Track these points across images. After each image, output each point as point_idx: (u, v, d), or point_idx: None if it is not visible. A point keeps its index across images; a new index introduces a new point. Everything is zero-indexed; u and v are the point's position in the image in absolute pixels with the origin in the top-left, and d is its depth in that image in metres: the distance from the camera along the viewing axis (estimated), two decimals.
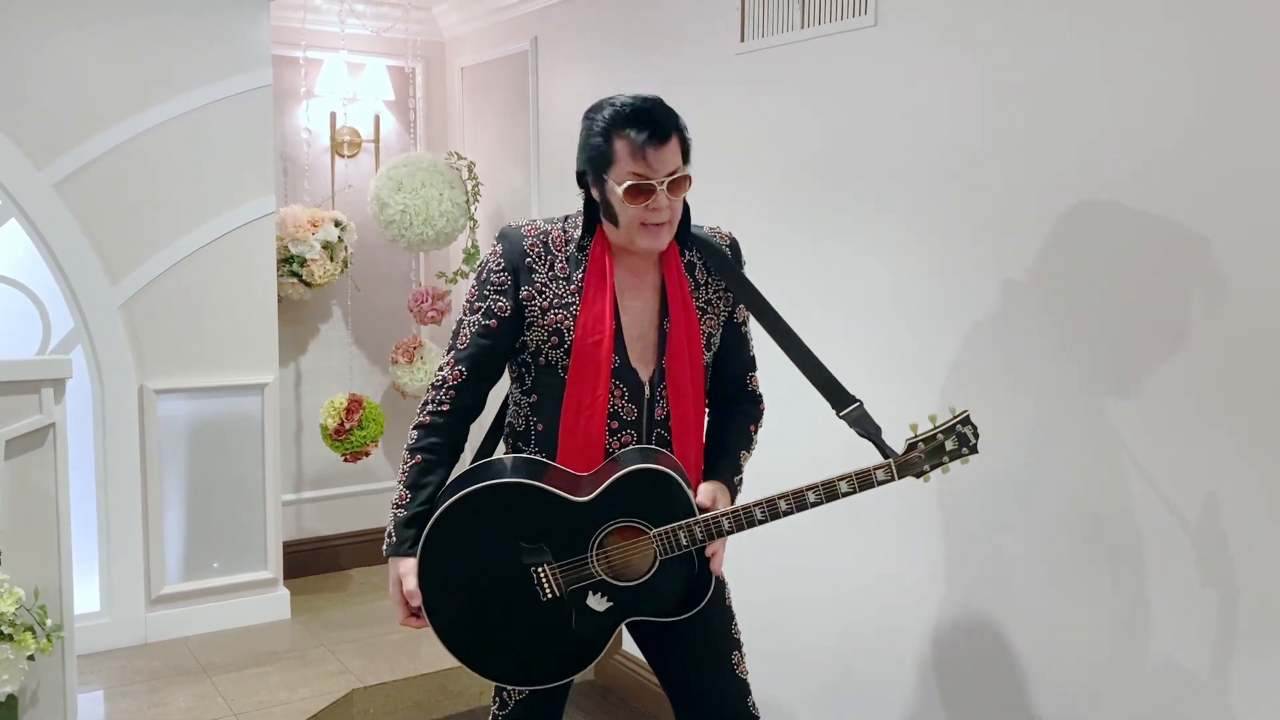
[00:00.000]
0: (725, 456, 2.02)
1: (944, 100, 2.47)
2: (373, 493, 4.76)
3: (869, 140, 2.67)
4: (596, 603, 1.85)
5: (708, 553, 1.90)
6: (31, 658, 2.53)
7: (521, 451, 1.99)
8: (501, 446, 2.07)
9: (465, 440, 2.00)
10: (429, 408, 1.95)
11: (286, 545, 4.28)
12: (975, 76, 2.40)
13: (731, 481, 1.99)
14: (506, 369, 2.01)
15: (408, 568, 1.89)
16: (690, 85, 3.17)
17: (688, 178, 1.88)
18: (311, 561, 4.59)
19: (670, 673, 2.04)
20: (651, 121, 1.82)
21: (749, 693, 2.04)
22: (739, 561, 2.22)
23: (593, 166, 1.87)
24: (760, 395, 2.11)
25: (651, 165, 1.81)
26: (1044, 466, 2.30)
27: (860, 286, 2.72)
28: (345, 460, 4.32)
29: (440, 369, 1.96)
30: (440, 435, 1.94)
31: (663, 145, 1.82)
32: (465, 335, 1.94)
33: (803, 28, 2.83)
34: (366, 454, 4.31)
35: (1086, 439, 2.21)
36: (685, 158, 1.89)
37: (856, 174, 2.71)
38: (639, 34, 3.47)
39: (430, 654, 3.72)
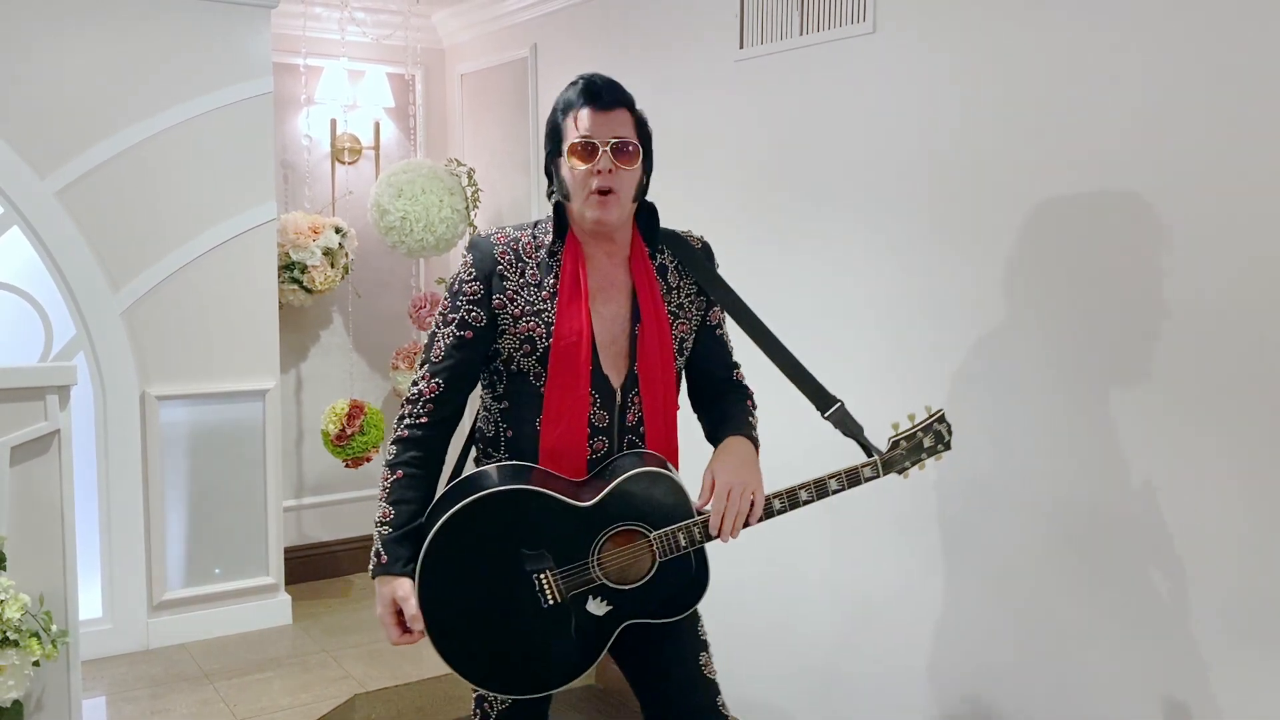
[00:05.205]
0: (734, 420, 2.02)
1: (942, 106, 2.50)
2: (374, 498, 4.71)
3: (867, 146, 2.69)
4: (596, 607, 1.86)
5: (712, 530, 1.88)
6: (37, 663, 2.54)
7: (491, 457, 1.97)
8: (472, 452, 2.06)
9: (445, 452, 1.97)
10: (406, 421, 1.92)
11: (288, 551, 4.29)
12: (973, 83, 2.42)
13: (748, 433, 1.99)
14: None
15: (405, 589, 1.84)
16: (689, 91, 3.19)
17: (636, 148, 1.89)
18: (313, 567, 4.60)
19: (638, 674, 2.03)
20: (594, 90, 1.87)
21: (718, 692, 2.03)
22: (732, 565, 2.24)
23: (551, 144, 1.92)
24: (748, 387, 2.11)
25: (595, 128, 1.85)
26: (1032, 468, 2.32)
27: (860, 291, 2.74)
28: (346, 466, 4.33)
29: (415, 383, 1.94)
30: (421, 448, 1.91)
31: (605, 110, 1.86)
32: (439, 348, 1.92)
33: (801, 34, 2.85)
34: (368, 459, 4.32)
35: (1074, 440, 2.23)
36: (641, 139, 1.91)
37: (854, 179, 2.73)
38: (638, 40, 3.49)
39: (432, 659, 3.69)
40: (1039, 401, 2.32)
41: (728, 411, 2.05)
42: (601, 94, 1.87)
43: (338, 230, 4.28)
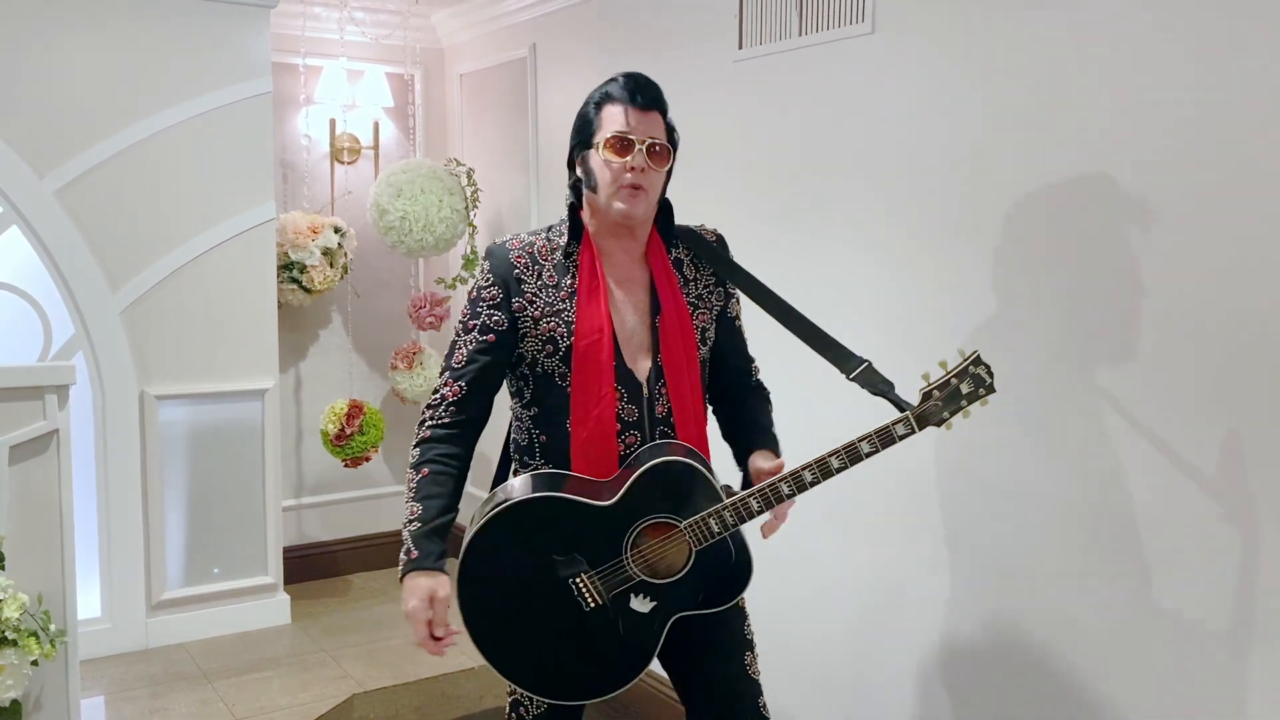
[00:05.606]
0: (760, 430, 2.04)
1: (940, 107, 2.50)
2: (373, 498, 4.78)
3: (866, 147, 2.69)
4: (640, 604, 1.84)
5: (764, 530, 1.94)
6: (35, 663, 2.54)
7: (528, 465, 1.97)
8: (512, 465, 2.05)
9: (470, 454, 1.96)
10: (428, 424, 1.93)
11: (287, 550, 4.30)
12: (971, 83, 2.42)
13: (777, 449, 2.02)
14: (505, 384, 2.00)
15: (444, 588, 1.83)
16: (688, 92, 3.19)
17: (669, 150, 1.91)
18: (312, 567, 4.60)
19: (682, 672, 2.03)
20: (638, 88, 1.89)
21: (760, 693, 2.03)
22: None
23: (580, 136, 1.93)
24: (765, 387, 2.14)
25: (634, 125, 1.87)
26: (1042, 464, 2.32)
27: (858, 291, 2.74)
28: (345, 466, 4.33)
29: (436, 390, 1.94)
30: (446, 444, 1.91)
31: (646, 110, 1.88)
32: (461, 354, 1.93)
33: (800, 35, 2.85)
34: (367, 459, 4.32)
35: (1084, 436, 2.23)
36: (670, 141, 1.93)
37: (853, 180, 2.73)
38: (637, 40, 3.49)
39: (431, 659, 3.73)
40: (1042, 401, 2.32)
41: (757, 419, 2.07)
42: (644, 93, 1.89)
43: (337, 230, 4.28)
